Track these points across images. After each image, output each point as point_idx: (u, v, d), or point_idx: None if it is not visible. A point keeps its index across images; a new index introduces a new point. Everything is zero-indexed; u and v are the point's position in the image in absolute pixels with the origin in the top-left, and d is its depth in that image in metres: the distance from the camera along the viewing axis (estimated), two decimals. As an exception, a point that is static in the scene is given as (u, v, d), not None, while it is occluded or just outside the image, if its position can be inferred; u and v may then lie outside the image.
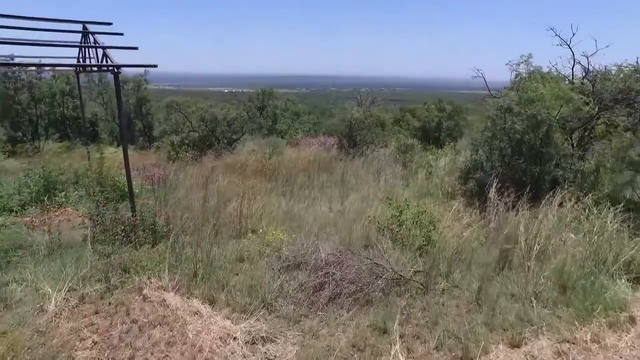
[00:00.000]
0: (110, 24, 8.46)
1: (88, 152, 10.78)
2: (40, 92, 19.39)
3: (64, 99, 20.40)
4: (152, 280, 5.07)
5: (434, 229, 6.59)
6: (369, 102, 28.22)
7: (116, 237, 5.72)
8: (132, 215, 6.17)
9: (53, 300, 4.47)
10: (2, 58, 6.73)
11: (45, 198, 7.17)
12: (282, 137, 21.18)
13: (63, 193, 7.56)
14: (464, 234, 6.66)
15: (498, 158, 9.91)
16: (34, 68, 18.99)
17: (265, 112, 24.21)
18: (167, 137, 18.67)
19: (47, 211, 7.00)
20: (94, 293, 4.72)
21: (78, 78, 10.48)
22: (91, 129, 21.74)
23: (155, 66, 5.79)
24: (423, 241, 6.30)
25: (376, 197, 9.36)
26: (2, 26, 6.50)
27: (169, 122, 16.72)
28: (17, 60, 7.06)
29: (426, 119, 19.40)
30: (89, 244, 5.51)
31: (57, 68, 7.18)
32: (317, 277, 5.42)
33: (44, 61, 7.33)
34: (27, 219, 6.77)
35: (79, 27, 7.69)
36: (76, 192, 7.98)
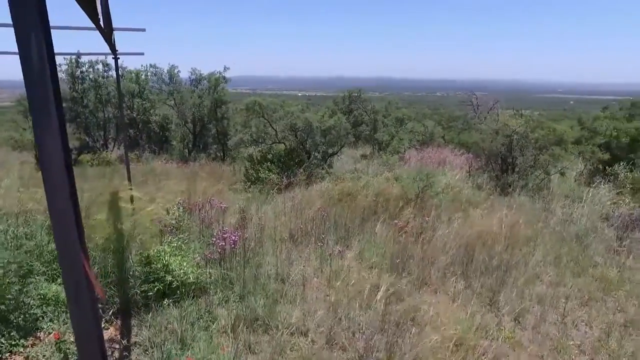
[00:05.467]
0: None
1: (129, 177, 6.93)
2: (106, 92, 16.85)
3: (133, 100, 17.72)
4: None
5: None
6: (491, 106, 22.48)
7: None
8: None
9: None
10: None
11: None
12: (382, 150, 16.55)
13: (35, 303, 3.43)
14: None
15: None
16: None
17: (353, 116, 19.97)
18: (245, 148, 14.94)
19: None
20: None
21: (117, 62, 6.58)
22: (161, 133, 18.97)
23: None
24: None
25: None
26: None
27: (247, 131, 12.82)
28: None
29: (613, 132, 12.86)
30: None
31: None
32: None
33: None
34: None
35: None
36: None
